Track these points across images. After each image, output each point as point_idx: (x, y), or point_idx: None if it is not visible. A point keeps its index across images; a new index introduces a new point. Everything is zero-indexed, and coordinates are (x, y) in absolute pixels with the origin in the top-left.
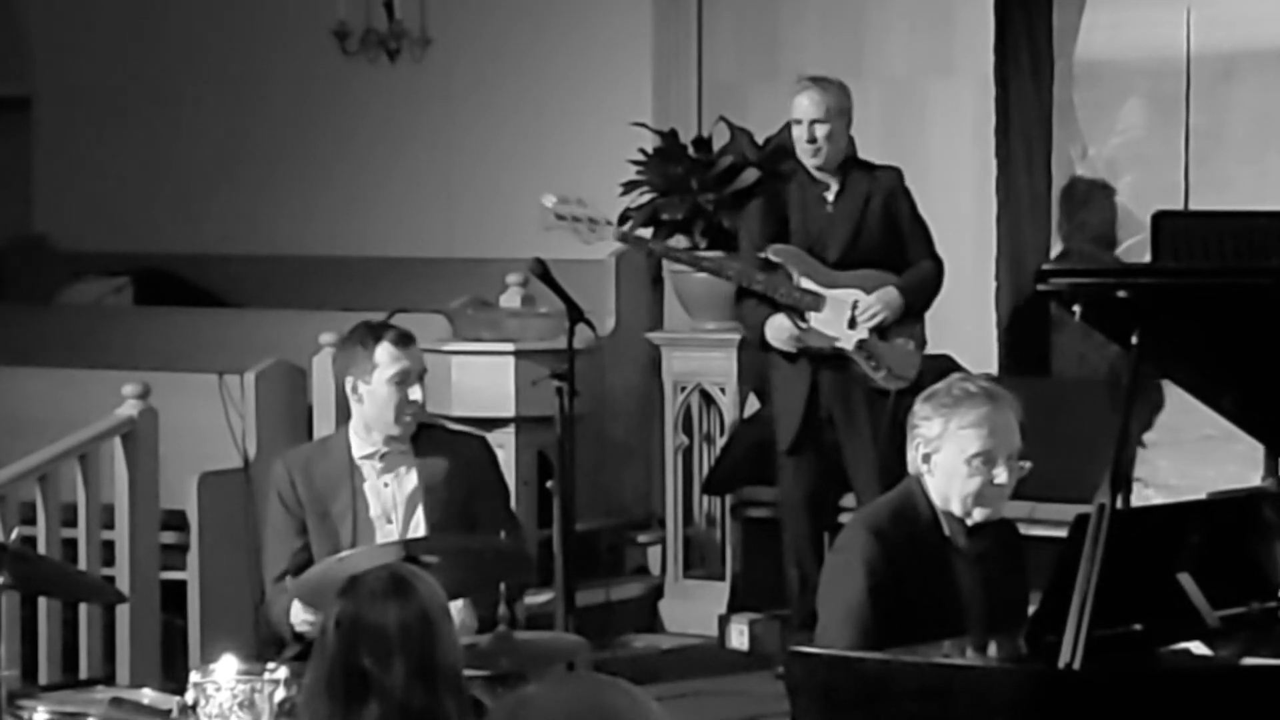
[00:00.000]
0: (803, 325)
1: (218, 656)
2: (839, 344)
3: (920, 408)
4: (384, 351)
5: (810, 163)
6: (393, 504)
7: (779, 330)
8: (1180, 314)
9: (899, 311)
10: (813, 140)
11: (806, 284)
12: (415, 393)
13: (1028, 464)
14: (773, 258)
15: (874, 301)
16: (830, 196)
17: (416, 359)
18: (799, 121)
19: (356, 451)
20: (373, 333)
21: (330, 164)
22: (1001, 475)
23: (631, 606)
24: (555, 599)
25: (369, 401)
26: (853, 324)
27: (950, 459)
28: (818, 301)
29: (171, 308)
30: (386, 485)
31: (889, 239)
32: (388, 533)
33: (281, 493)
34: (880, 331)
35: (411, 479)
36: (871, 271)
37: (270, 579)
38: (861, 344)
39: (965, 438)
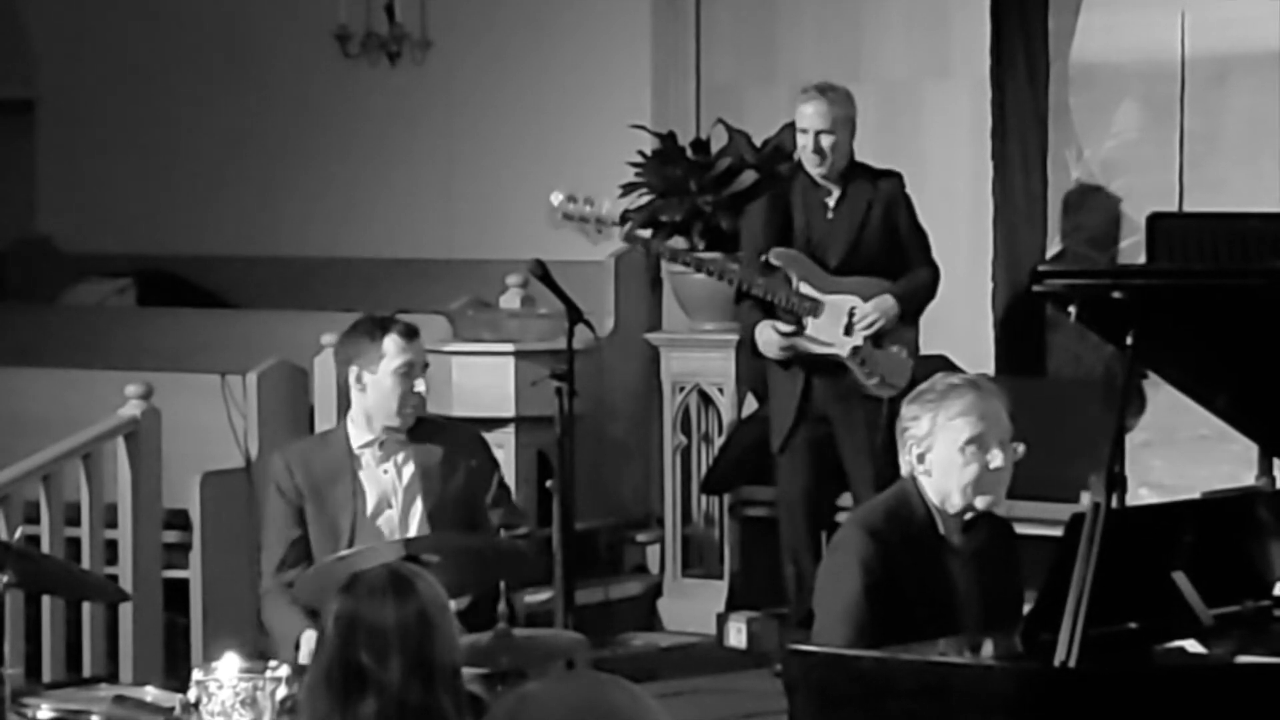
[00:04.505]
0: (785, 330)
1: (220, 654)
2: (833, 350)
3: (907, 409)
4: (391, 343)
5: (815, 171)
6: (392, 490)
7: (767, 342)
8: (1175, 315)
9: (895, 319)
10: (819, 150)
11: (805, 289)
12: (419, 385)
13: (1021, 446)
14: (774, 261)
15: (871, 309)
16: (831, 203)
17: (421, 353)
18: (804, 131)
19: (355, 441)
20: (380, 325)
21: (331, 166)
22: (997, 459)
23: (630, 605)
24: (555, 597)
25: (373, 391)
26: (849, 330)
27: (944, 452)
28: (816, 307)
29: (174, 308)
30: (386, 473)
31: (888, 246)
32: (388, 519)
33: (279, 483)
34: (875, 339)
35: (410, 466)
36: (869, 279)
37: (269, 570)
38: (855, 350)
39: (955, 427)
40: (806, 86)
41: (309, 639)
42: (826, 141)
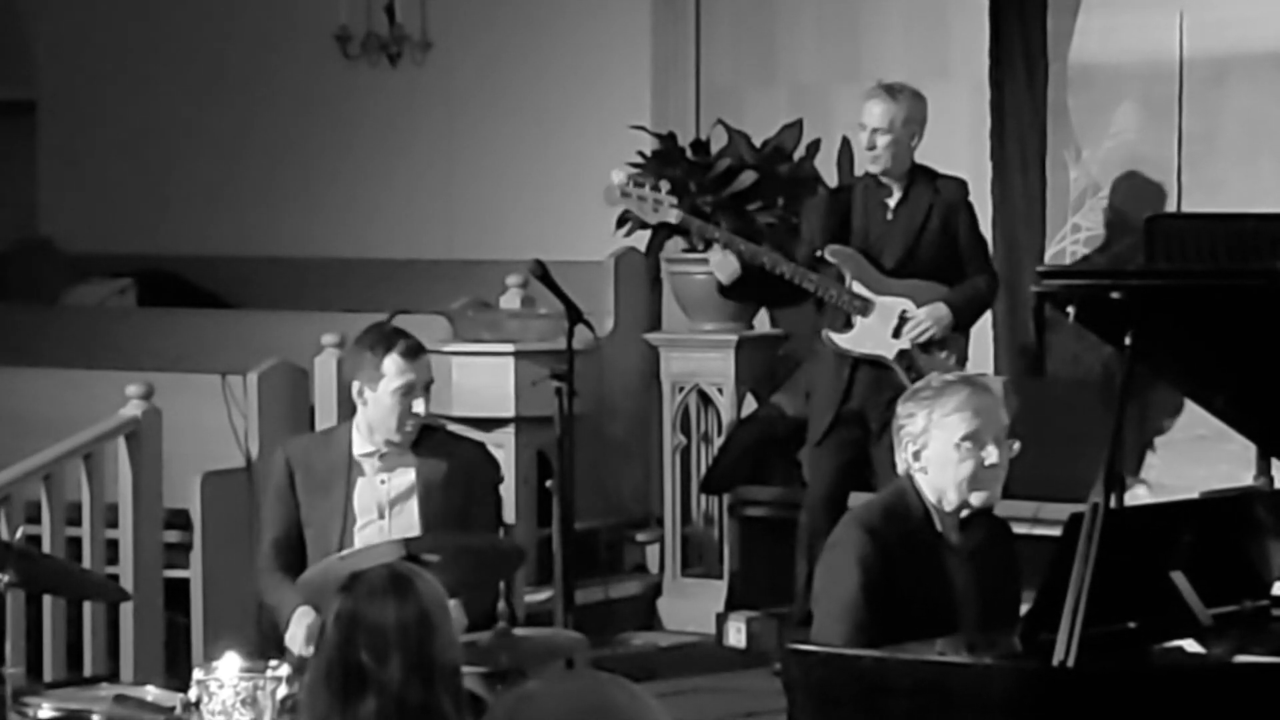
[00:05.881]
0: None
1: (220, 654)
2: (878, 352)
3: (903, 408)
4: (392, 363)
5: (869, 168)
6: (386, 502)
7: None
8: (1173, 315)
9: (948, 329)
10: (872, 148)
11: (858, 288)
12: (419, 405)
13: (1017, 444)
14: (829, 258)
15: (924, 317)
16: (892, 204)
17: (424, 371)
18: (863, 126)
19: (357, 448)
20: (384, 341)
21: (332, 167)
22: (992, 455)
23: (630, 604)
24: (555, 597)
25: (373, 407)
26: (897, 333)
27: (940, 448)
28: (866, 307)
29: (175, 309)
30: (383, 482)
31: (946, 251)
32: (379, 528)
33: (278, 481)
34: (923, 344)
35: (408, 477)
36: (923, 282)
37: (265, 549)
38: (902, 354)
39: (950, 424)
40: (876, 83)
41: (300, 616)
42: (881, 140)
